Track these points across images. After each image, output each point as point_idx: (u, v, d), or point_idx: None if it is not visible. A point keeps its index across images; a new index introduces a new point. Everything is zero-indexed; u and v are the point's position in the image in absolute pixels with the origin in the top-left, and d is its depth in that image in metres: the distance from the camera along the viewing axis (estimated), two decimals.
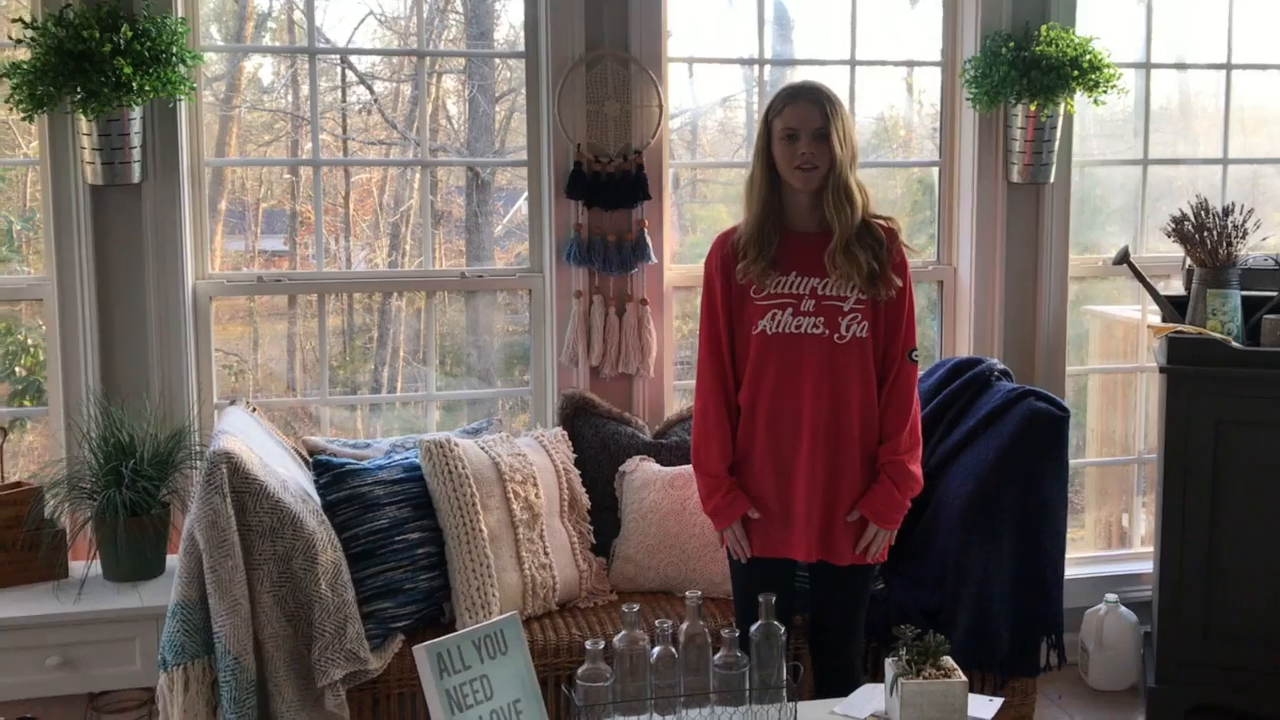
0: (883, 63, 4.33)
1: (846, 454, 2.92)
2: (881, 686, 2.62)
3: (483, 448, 3.48)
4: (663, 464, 3.74)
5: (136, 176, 3.53)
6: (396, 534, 3.26)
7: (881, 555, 2.99)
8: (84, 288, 3.59)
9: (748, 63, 4.23)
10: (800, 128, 2.85)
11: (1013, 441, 3.39)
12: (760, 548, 3.00)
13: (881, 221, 2.94)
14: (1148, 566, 4.33)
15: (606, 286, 3.95)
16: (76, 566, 3.40)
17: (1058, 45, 3.97)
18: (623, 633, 2.48)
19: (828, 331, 2.89)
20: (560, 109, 3.87)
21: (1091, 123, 4.55)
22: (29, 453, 4.10)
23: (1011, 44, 4.00)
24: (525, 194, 4.06)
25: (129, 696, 3.39)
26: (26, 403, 4.02)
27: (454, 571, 3.27)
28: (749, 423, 2.98)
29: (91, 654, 3.20)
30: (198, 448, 3.47)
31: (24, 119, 3.42)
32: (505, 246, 4.63)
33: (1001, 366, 3.77)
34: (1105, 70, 4.01)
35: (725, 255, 2.97)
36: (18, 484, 3.43)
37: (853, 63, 4.24)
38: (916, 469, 2.97)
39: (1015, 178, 4.15)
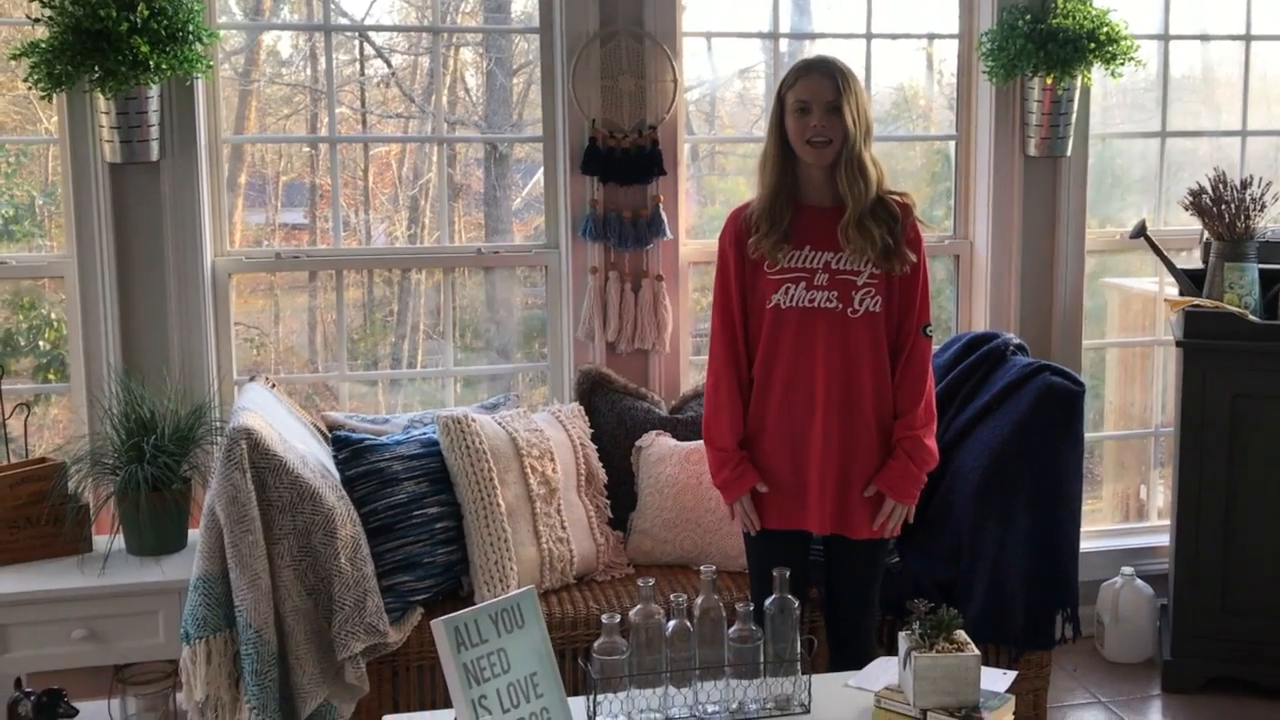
0: (899, 36, 4.31)
1: (860, 427, 2.93)
2: (895, 660, 2.64)
3: (500, 423, 3.50)
4: (679, 439, 3.76)
5: (155, 154, 3.55)
6: (415, 509, 3.29)
7: (896, 530, 3.00)
8: (104, 265, 3.62)
9: (763, 37, 4.22)
10: (812, 100, 2.85)
11: (1028, 416, 3.40)
12: (774, 520, 3.02)
13: (896, 197, 2.94)
14: (1164, 539, 4.33)
15: (622, 262, 3.96)
16: (100, 541, 3.43)
17: (1074, 18, 3.94)
18: (638, 606, 2.50)
19: (841, 305, 2.89)
20: (575, 85, 3.87)
21: (1115, 93, 4.52)
22: (54, 426, 4.13)
23: (1028, 16, 3.98)
24: (543, 165, 4.07)
25: (153, 669, 3.43)
26: (51, 376, 4.06)
27: (472, 546, 3.30)
28: (762, 396, 2.99)
29: (116, 627, 3.23)
30: (218, 423, 3.50)
31: (43, 98, 3.44)
32: (524, 219, 4.64)
33: (1017, 341, 3.76)
34: (1122, 43, 3.99)
35: (739, 230, 2.98)
36: (42, 460, 3.46)
37: (869, 35, 4.23)
38: (932, 443, 2.97)
39: (1032, 151, 4.13)
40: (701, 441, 3.63)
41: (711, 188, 4.54)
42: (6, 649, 3.18)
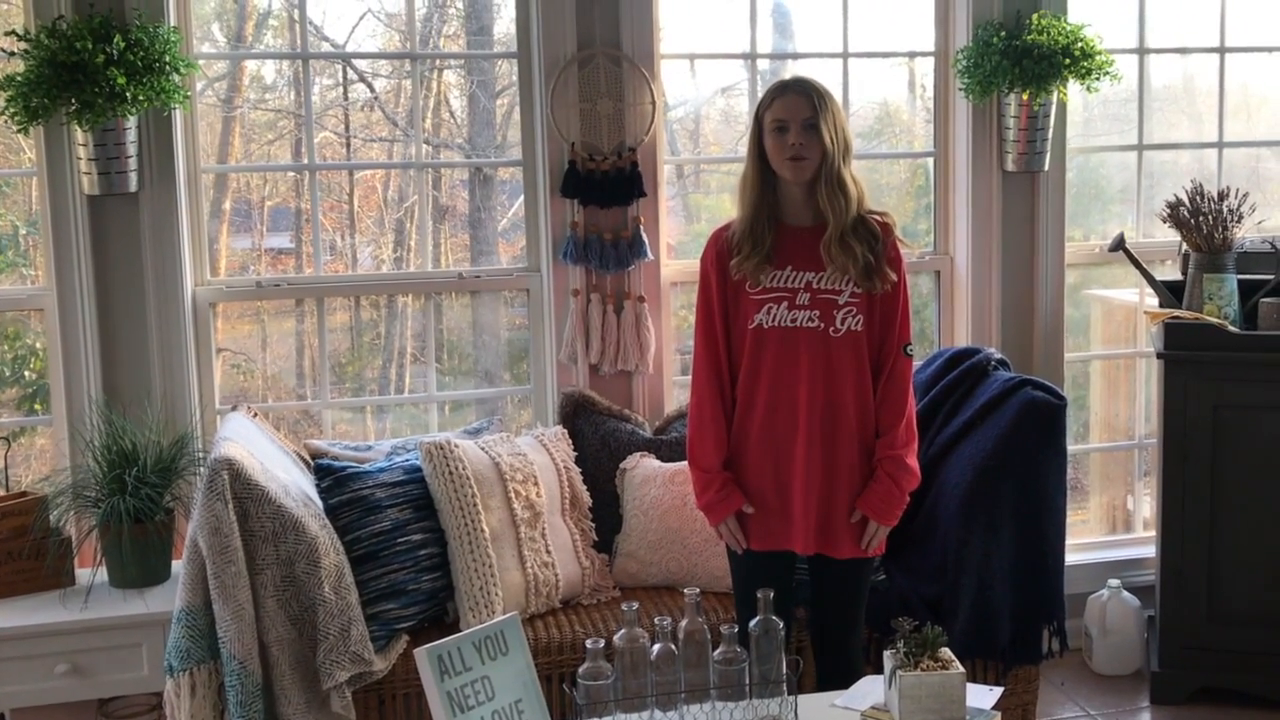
0: (876, 54, 4.34)
1: (843, 447, 2.94)
2: (881, 678, 2.64)
3: (483, 448, 3.50)
4: (663, 460, 3.76)
5: (133, 185, 3.54)
6: (399, 536, 3.28)
7: (879, 549, 3.01)
8: (84, 297, 3.62)
9: (743, 58, 4.23)
10: (789, 119, 2.87)
11: (1011, 431, 3.40)
12: (759, 540, 3.02)
13: (877, 216, 2.96)
14: (1150, 551, 4.34)
15: (604, 284, 3.97)
16: (83, 574, 3.42)
17: (1049, 34, 3.97)
18: (623, 630, 2.50)
19: (823, 325, 2.90)
20: (554, 108, 3.88)
21: (1095, 105, 4.55)
22: (41, 456, 4.12)
23: (1003, 33, 4.00)
24: (523, 191, 4.07)
25: (138, 702, 3.42)
26: (37, 407, 4.05)
27: (457, 572, 3.29)
28: (745, 416, 2.99)
29: (99, 661, 3.22)
30: (200, 454, 3.49)
31: (19, 131, 3.44)
32: (511, 239, 4.64)
33: (999, 356, 3.77)
34: (1097, 58, 4.01)
35: (720, 251, 2.99)
36: (23, 493, 3.45)
37: (846, 55, 4.25)
38: (913, 462, 2.98)
39: (1010, 166, 4.15)
40: (686, 463, 3.65)
41: (696, 205, 4.55)
42: None
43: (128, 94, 3.33)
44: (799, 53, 4.33)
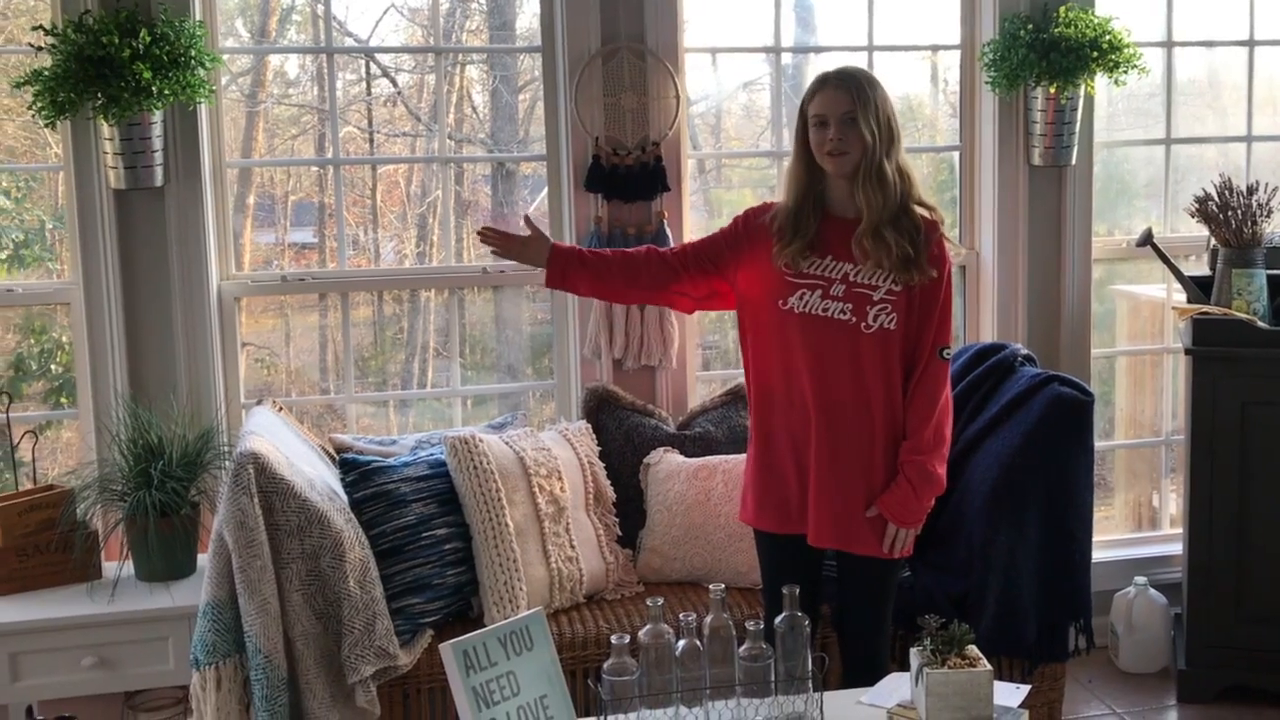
0: (901, 47, 4.31)
1: (860, 444, 2.90)
2: (908, 675, 2.63)
3: (507, 442, 3.50)
4: (687, 455, 3.75)
5: (159, 180, 3.56)
6: (424, 530, 3.28)
7: (907, 550, 2.98)
8: (110, 292, 3.63)
9: (766, 51, 4.22)
10: (829, 114, 2.85)
11: (1037, 427, 3.38)
12: (779, 524, 3.01)
13: (924, 212, 2.91)
14: (1177, 548, 4.30)
15: None
16: (109, 567, 3.44)
17: (1076, 26, 3.94)
18: (648, 626, 2.48)
19: (855, 319, 2.87)
20: (578, 103, 3.87)
21: (1120, 100, 4.52)
22: (66, 449, 4.15)
23: (1030, 26, 3.98)
24: (547, 186, 4.07)
25: (164, 695, 3.43)
26: (63, 400, 4.08)
27: (481, 566, 3.29)
28: (768, 397, 2.99)
29: (126, 654, 3.23)
30: (225, 448, 3.50)
31: (46, 125, 3.46)
32: None
33: (1025, 352, 3.75)
34: (1125, 50, 3.98)
35: (760, 224, 2.99)
36: (50, 487, 3.47)
37: (870, 48, 4.23)
38: (939, 469, 2.93)
39: (1037, 160, 4.13)
40: (710, 458, 3.67)
41: (718, 200, 4.54)
42: (17, 677, 3.18)
43: (153, 88, 3.34)
44: (823, 46, 4.31)
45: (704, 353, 4.33)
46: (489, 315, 4.43)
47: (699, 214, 4.37)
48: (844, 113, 2.84)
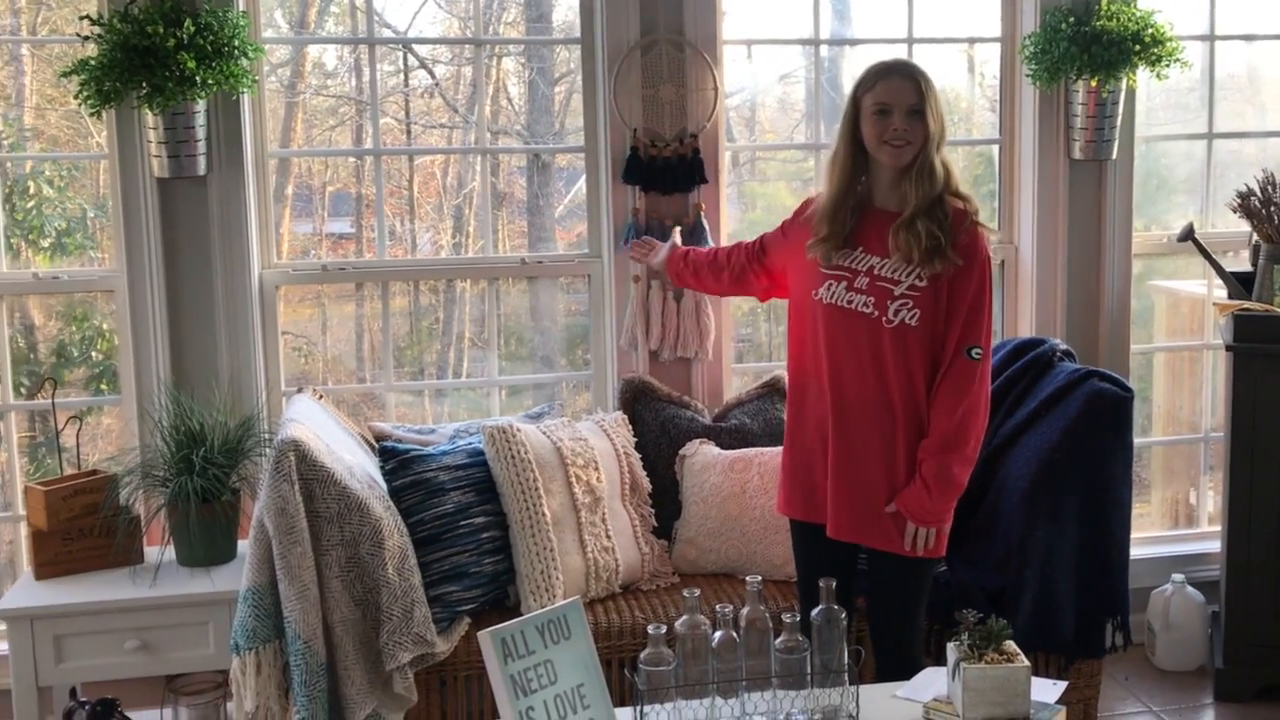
0: (941, 40, 4.29)
1: (882, 440, 2.90)
2: (944, 670, 2.63)
3: (544, 432, 3.51)
4: (723, 447, 3.76)
5: (202, 169, 3.59)
6: (461, 519, 3.30)
7: (935, 550, 2.94)
8: (153, 279, 3.67)
9: (804, 43, 4.21)
10: (893, 103, 2.84)
11: (1076, 423, 3.36)
12: (805, 511, 3.04)
13: (958, 202, 2.89)
14: (1215, 546, 4.28)
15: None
16: (151, 552, 3.47)
17: (1119, 20, 3.91)
18: (684, 617, 2.49)
19: (876, 313, 2.87)
20: (616, 94, 3.88)
21: (1159, 94, 4.48)
22: (107, 435, 4.19)
23: (1072, 19, 3.95)
24: (585, 175, 4.08)
25: (204, 679, 3.46)
26: (104, 387, 4.12)
27: (518, 555, 3.31)
28: (801, 386, 3.03)
29: (167, 638, 3.26)
30: (266, 435, 3.53)
31: (92, 114, 3.50)
32: (567, 226, 4.65)
33: (1064, 347, 3.73)
34: (1167, 44, 3.95)
35: (805, 216, 3.05)
36: (93, 472, 3.50)
37: (910, 40, 4.21)
38: (956, 470, 2.88)
39: (1077, 154, 4.10)
40: (746, 450, 3.68)
41: (752, 193, 4.53)
42: (62, 659, 3.22)
43: (197, 78, 3.37)
44: (862, 38, 4.30)
45: (737, 345, 4.33)
46: (524, 306, 4.45)
47: (733, 207, 4.37)
48: (911, 104, 2.83)
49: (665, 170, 3.90)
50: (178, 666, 3.33)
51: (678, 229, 3.80)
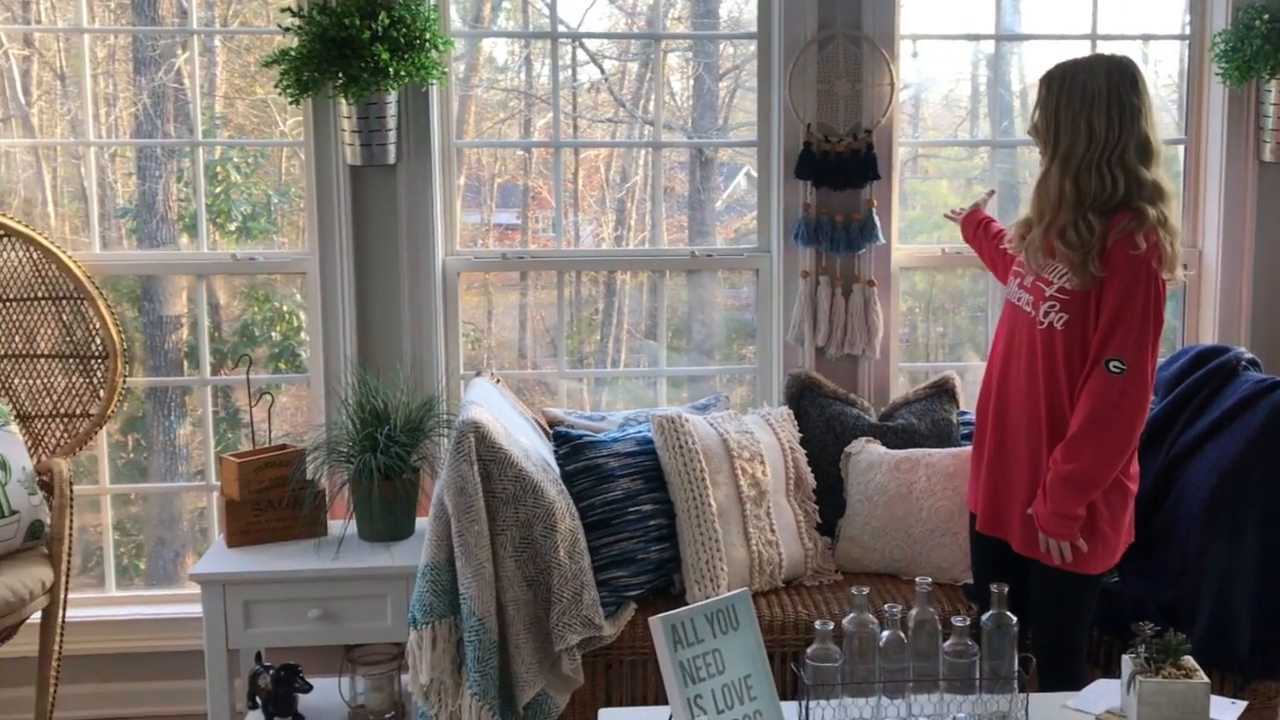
0: (1126, 37, 4.18)
1: (1030, 439, 2.91)
2: (1116, 682, 2.58)
3: (711, 424, 3.55)
4: (889, 446, 3.74)
5: (392, 158, 3.72)
6: (630, 505, 3.37)
7: (1081, 566, 2.88)
8: (343, 262, 3.82)
9: (979, 38, 4.16)
10: None
11: (1261, 434, 3.26)
12: (972, 501, 3.15)
13: (1128, 213, 2.82)
14: None
15: (833, 266, 3.96)
16: (334, 525, 3.62)
17: None
18: (852, 614, 2.50)
19: (1033, 312, 2.90)
20: (791, 89, 3.89)
21: None
22: (282, 413, 4.37)
23: (1265, 16, 3.82)
24: (744, 169, 4.10)
25: (381, 650, 3.58)
26: (282, 366, 4.30)
27: (684, 544, 3.36)
28: (987, 378, 3.10)
29: (347, 609, 3.39)
30: (446, 416, 3.64)
31: (291, 103, 3.66)
32: (724, 221, 4.68)
33: (1249, 355, 3.61)
34: None
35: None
36: (282, 446, 3.67)
37: (1094, 37, 4.12)
38: (1076, 483, 2.79)
39: (1267, 156, 3.97)
40: (913, 450, 3.67)
41: (913, 190, 4.49)
42: (250, 624, 3.39)
43: (390, 69, 3.50)
44: (1042, 34, 4.21)
45: (904, 345, 4.29)
46: (684, 299, 4.49)
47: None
48: None
49: (838, 165, 3.90)
50: (356, 637, 3.46)
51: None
